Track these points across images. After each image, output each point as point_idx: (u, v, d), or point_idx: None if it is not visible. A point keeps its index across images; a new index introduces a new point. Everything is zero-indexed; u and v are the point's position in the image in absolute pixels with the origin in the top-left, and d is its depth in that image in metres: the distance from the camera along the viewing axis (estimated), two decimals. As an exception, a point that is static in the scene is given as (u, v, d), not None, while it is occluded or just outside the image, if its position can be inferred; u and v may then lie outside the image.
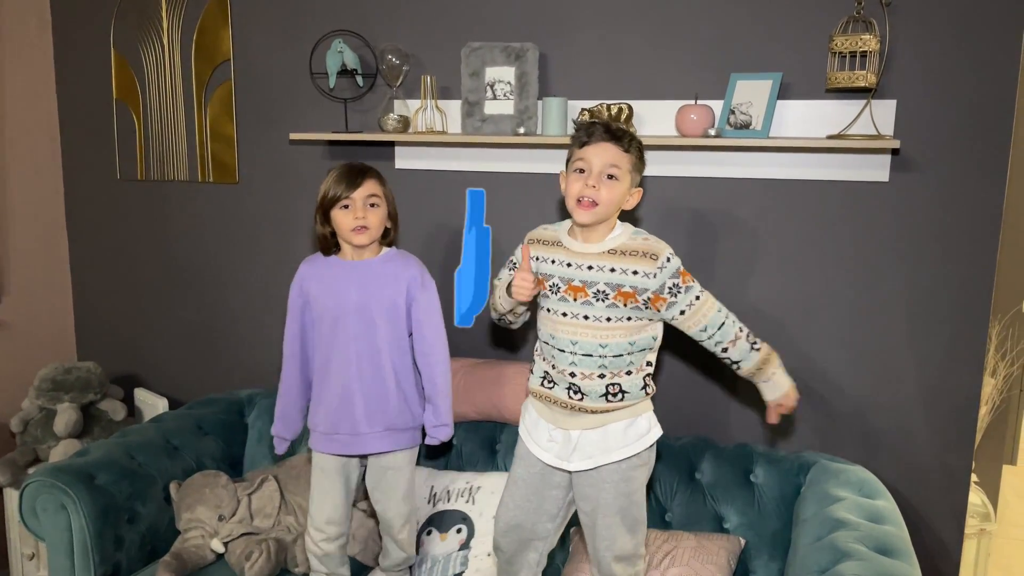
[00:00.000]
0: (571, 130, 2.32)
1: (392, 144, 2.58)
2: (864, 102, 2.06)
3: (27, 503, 2.14)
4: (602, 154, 1.75)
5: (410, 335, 2.09)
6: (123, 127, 3.01)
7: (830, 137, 2.09)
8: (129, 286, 3.13)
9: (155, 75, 2.91)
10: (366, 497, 2.42)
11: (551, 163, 2.40)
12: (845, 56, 2.02)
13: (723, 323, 1.83)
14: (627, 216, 1.90)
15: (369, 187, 2.00)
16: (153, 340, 3.12)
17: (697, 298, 1.80)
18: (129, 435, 2.40)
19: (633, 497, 1.86)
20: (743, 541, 2.13)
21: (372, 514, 2.40)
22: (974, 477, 2.82)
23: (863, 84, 1.99)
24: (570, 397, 1.84)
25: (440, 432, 2.11)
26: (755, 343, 1.86)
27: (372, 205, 2.00)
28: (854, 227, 2.17)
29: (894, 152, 2.10)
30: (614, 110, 2.22)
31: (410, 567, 2.24)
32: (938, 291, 2.13)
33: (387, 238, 2.09)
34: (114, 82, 2.99)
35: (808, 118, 2.15)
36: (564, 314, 1.82)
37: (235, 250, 2.91)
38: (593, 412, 1.83)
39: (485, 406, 2.36)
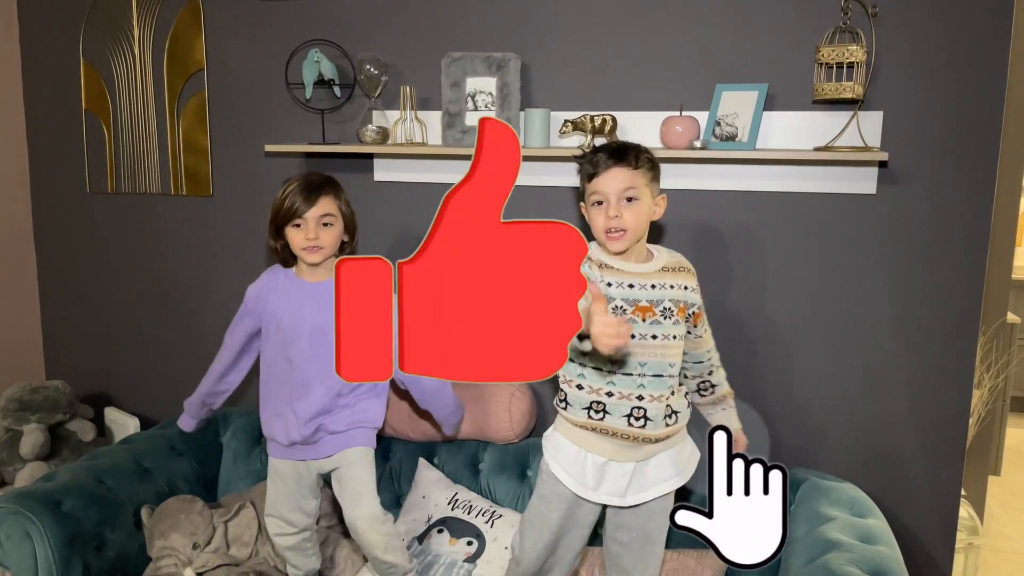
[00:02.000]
0: (555, 141, 2.28)
1: (371, 156, 2.53)
2: (851, 114, 2.04)
3: (-10, 531, 2.04)
4: (614, 181, 1.70)
5: None
6: (93, 139, 2.93)
7: (817, 149, 2.06)
8: (99, 302, 3.04)
9: (126, 85, 2.83)
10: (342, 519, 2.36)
11: (534, 176, 2.35)
12: (832, 67, 2.00)
13: (711, 349, 1.89)
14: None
15: (323, 206, 1.95)
16: (124, 358, 3.03)
17: (707, 329, 1.86)
18: (98, 457, 2.32)
19: (668, 524, 1.80)
20: (732, 560, 2.08)
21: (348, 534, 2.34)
22: (962, 491, 2.80)
23: (850, 95, 1.96)
24: (630, 425, 1.73)
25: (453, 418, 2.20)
26: (725, 377, 1.93)
27: (325, 224, 1.96)
28: (841, 240, 2.14)
29: (881, 164, 2.08)
30: (598, 121, 2.18)
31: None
32: (926, 304, 2.10)
33: (343, 251, 2.04)
34: (83, 92, 2.90)
35: (795, 130, 2.12)
36: (632, 335, 1.70)
37: (209, 265, 2.83)
38: (656, 440, 1.75)
39: (466, 425, 2.30)
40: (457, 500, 2.27)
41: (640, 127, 2.23)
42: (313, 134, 2.56)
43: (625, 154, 1.70)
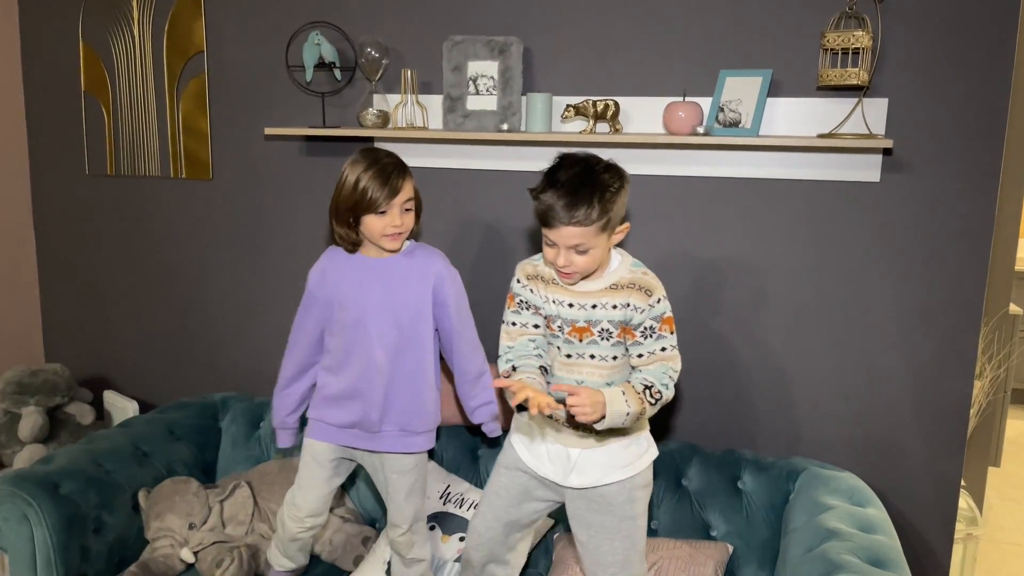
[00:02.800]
0: (556, 126, 2.27)
1: (371, 140, 2.51)
2: (856, 100, 2.02)
3: (-12, 513, 2.04)
4: (565, 238, 1.61)
5: (436, 330, 2.00)
6: (92, 121, 2.91)
7: (821, 136, 2.04)
8: (99, 285, 3.03)
9: (125, 67, 2.81)
10: (342, 503, 2.37)
11: (535, 161, 2.33)
12: (837, 53, 1.98)
13: (664, 379, 1.67)
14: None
15: (407, 191, 1.88)
16: (123, 341, 3.02)
17: (663, 349, 1.69)
18: (96, 441, 2.31)
19: (637, 521, 1.80)
20: (731, 548, 2.08)
21: (350, 519, 2.33)
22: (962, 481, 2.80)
23: (855, 82, 1.94)
24: (574, 428, 1.76)
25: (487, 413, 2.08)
26: (653, 402, 1.67)
27: (407, 209, 1.90)
28: (844, 228, 2.13)
29: (886, 152, 2.06)
30: (600, 106, 2.16)
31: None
32: (929, 294, 2.09)
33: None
34: (83, 74, 2.88)
35: (799, 116, 2.10)
36: (569, 355, 1.74)
37: (209, 248, 2.82)
38: (599, 432, 1.73)
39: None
40: (449, 494, 2.24)
41: (643, 112, 2.21)
42: (313, 117, 2.54)
43: (576, 208, 1.57)
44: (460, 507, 2.21)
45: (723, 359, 2.28)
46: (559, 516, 2.11)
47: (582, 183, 1.59)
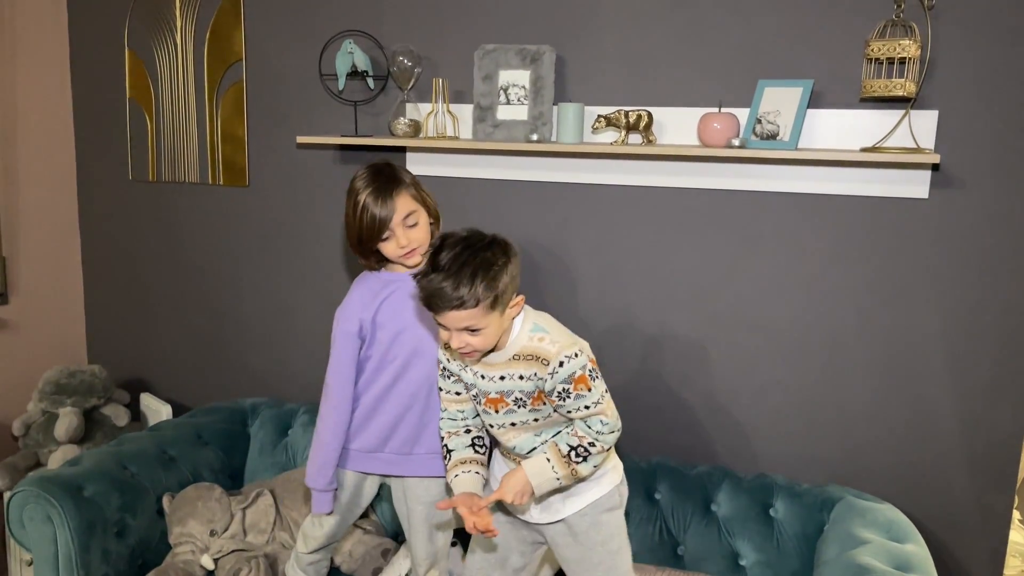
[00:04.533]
0: (588, 137, 2.21)
1: (403, 149, 2.49)
2: (902, 112, 1.92)
3: (14, 513, 2.07)
4: (452, 321, 1.53)
5: None
6: (136, 127, 2.97)
7: (864, 150, 1.95)
8: (140, 288, 3.08)
9: (168, 75, 2.86)
10: (365, 515, 2.34)
11: (566, 171, 2.28)
12: (882, 63, 1.89)
13: (591, 434, 1.60)
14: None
15: (401, 207, 1.80)
16: (162, 344, 3.06)
17: (586, 407, 1.58)
18: (124, 443, 2.33)
19: (609, 546, 1.73)
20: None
21: (371, 530, 2.31)
22: (1017, 515, 2.64)
23: (901, 93, 1.84)
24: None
25: None
26: (580, 460, 1.62)
27: (411, 225, 1.83)
28: (889, 247, 2.02)
29: (934, 167, 1.95)
30: (633, 116, 2.10)
31: None
32: (979, 317, 1.97)
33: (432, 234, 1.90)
34: (128, 81, 2.94)
35: (840, 129, 2.01)
36: (491, 425, 1.70)
37: (245, 254, 2.84)
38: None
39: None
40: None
41: (677, 123, 2.14)
42: (346, 125, 2.53)
43: (458, 291, 1.49)
44: None
45: (757, 381, 2.19)
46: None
47: (464, 264, 1.51)
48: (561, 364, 1.56)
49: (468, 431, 1.76)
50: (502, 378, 1.63)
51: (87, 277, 3.21)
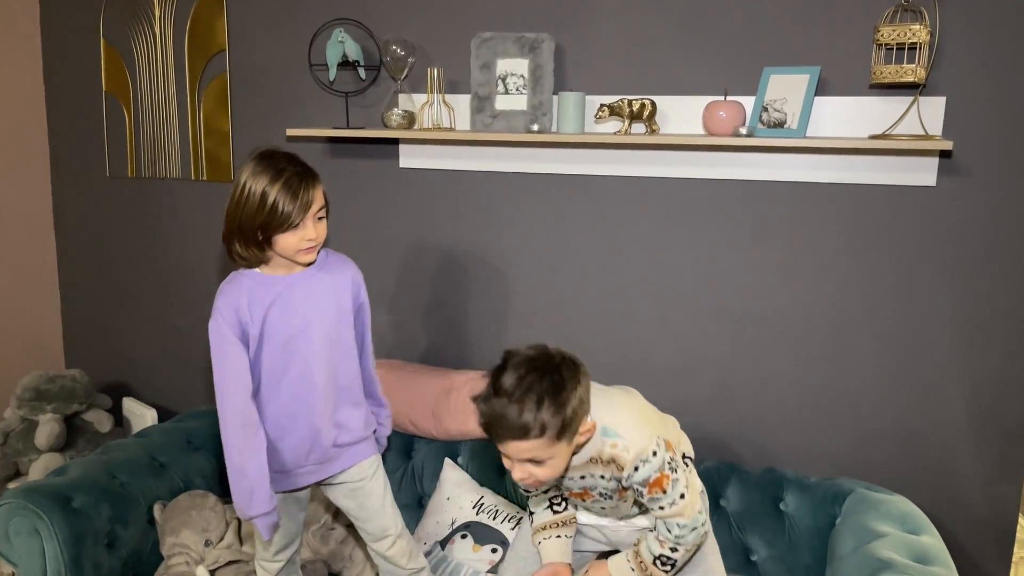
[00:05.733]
0: (589, 127, 2.16)
1: (396, 142, 2.42)
2: (911, 99, 1.89)
3: (-1, 526, 1.98)
4: (516, 452, 1.42)
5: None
6: (113, 122, 2.86)
7: (872, 137, 1.92)
8: (119, 289, 2.98)
9: (146, 67, 2.75)
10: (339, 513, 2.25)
11: (566, 163, 2.23)
12: (892, 48, 1.85)
13: (670, 540, 1.55)
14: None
15: (319, 199, 1.67)
16: (143, 347, 2.96)
17: (661, 508, 1.52)
18: (111, 451, 2.24)
19: (711, 569, 1.73)
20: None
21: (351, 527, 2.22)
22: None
23: (912, 79, 1.81)
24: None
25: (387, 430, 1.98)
26: (666, 568, 1.58)
27: (320, 219, 1.69)
28: (897, 235, 2.00)
29: (943, 154, 1.93)
30: (636, 105, 2.05)
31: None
32: (988, 307, 1.96)
33: None
34: (104, 74, 2.83)
35: (848, 116, 1.98)
36: (579, 504, 1.67)
37: (230, 252, 2.75)
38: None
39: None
40: (483, 504, 2.16)
41: (681, 112, 2.10)
42: (337, 118, 2.46)
43: (523, 418, 1.37)
44: (494, 519, 2.14)
45: (762, 372, 2.16)
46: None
47: (529, 388, 1.38)
48: (636, 469, 1.47)
49: (547, 491, 1.67)
50: (582, 478, 1.56)
51: (63, 278, 3.09)
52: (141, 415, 2.81)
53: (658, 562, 1.56)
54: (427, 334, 2.51)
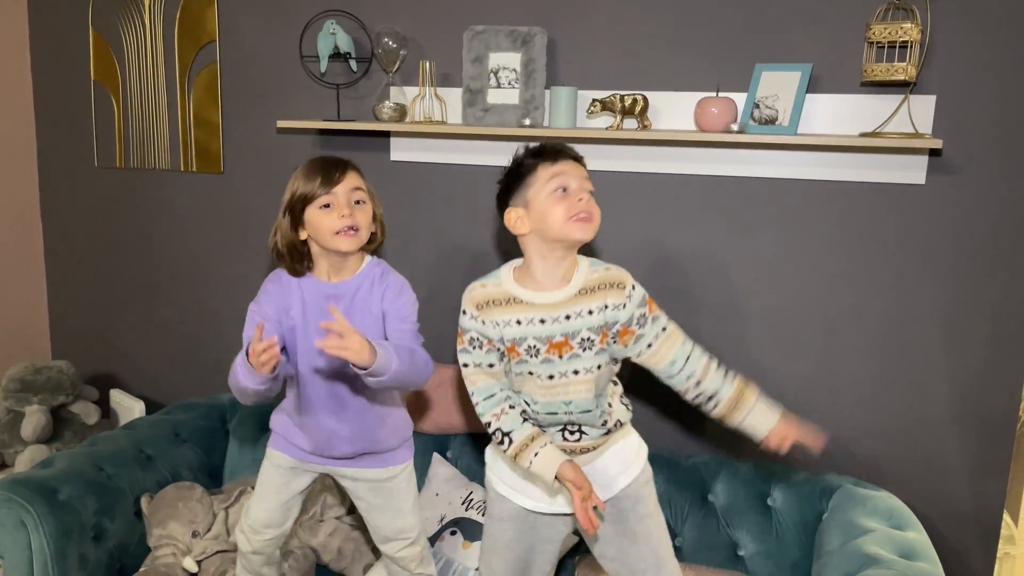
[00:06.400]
0: (581, 121, 2.16)
1: (387, 134, 2.41)
2: (900, 98, 1.90)
3: (-17, 518, 1.96)
4: (576, 172, 1.57)
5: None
6: (102, 111, 2.83)
7: (863, 135, 1.93)
8: (107, 280, 2.95)
9: (136, 56, 2.73)
10: (352, 511, 2.26)
11: (558, 158, 2.23)
12: (883, 47, 1.86)
13: (690, 354, 1.62)
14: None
15: (352, 179, 1.68)
16: (131, 338, 2.94)
17: (664, 329, 1.61)
18: (98, 443, 2.23)
19: (656, 518, 1.71)
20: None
21: (360, 526, 2.24)
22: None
23: (903, 77, 1.82)
24: (565, 439, 1.64)
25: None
26: (727, 372, 1.64)
27: (358, 202, 1.68)
28: (886, 232, 2.01)
29: (932, 153, 1.94)
30: (628, 101, 2.05)
31: None
32: (975, 303, 1.97)
33: (371, 244, 1.74)
34: (92, 63, 2.80)
35: (839, 114, 1.98)
36: (551, 376, 1.58)
37: (219, 244, 2.73)
38: (593, 449, 1.66)
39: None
40: (472, 500, 2.15)
41: (673, 108, 2.10)
42: (328, 110, 2.44)
43: (579, 156, 1.63)
44: (483, 515, 2.11)
45: (750, 368, 2.15)
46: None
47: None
48: (634, 287, 1.58)
49: (512, 407, 1.60)
50: (567, 317, 1.55)
51: (50, 268, 3.07)
52: (129, 407, 2.80)
53: (728, 372, 1.66)
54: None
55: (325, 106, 2.45)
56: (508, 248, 2.34)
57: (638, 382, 2.25)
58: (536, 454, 1.54)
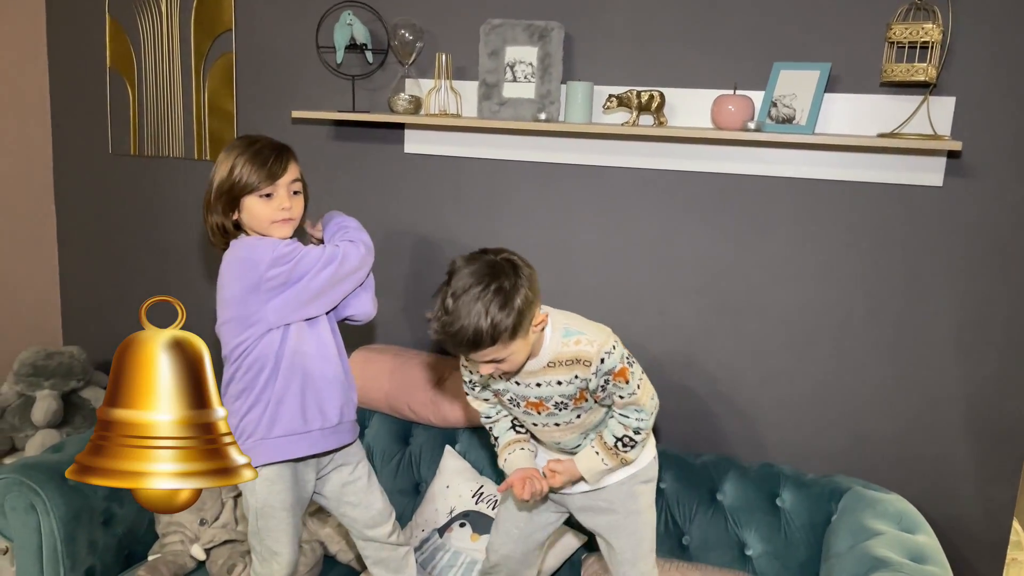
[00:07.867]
0: (597, 117, 2.15)
1: (402, 126, 2.41)
2: (921, 98, 1.88)
3: (-6, 501, 1.98)
4: (475, 358, 1.51)
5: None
6: (117, 99, 2.84)
7: (881, 136, 1.91)
8: (118, 267, 2.96)
9: (152, 44, 2.73)
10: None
11: (573, 152, 2.22)
12: (903, 47, 1.84)
13: (633, 423, 1.63)
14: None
15: (293, 171, 1.72)
16: (141, 325, 2.95)
17: (621, 397, 1.60)
18: (109, 429, 2.24)
19: (644, 516, 1.75)
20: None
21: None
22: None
23: (923, 78, 1.81)
24: (562, 451, 1.77)
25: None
26: (628, 449, 1.65)
27: (295, 193, 1.73)
28: (902, 234, 2.00)
29: (951, 155, 1.92)
30: (644, 97, 2.04)
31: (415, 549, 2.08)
32: (989, 308, 1.96)
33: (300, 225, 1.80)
34: (108, 50, 2.81)
35: (857, 114, 1.97)
36: (535, 424, 1.69)
37: (231, 233, 2.73)
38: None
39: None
40: (483, 494, 2.16)
41: (690, 105, 2.09)
42: (343, 101, 2.44)
43: (480, 343, 1.43)
44: (493, 508, 2.14)
45: (764, 369, 2.16)
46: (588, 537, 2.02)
47: (474, 300, 1.41)
48: (602, 361, 1.55)
49: (506, 416, 1.76)
50: (538, 385, 1.59)
51: (63, 254, 3.07)
52: (138, 394, 2.81)
53: (620, 444, 1.64)
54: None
55: (340, 97, 2.45)
56: (522, 244, 2.34)
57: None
58: (506, 460, 1.74)
